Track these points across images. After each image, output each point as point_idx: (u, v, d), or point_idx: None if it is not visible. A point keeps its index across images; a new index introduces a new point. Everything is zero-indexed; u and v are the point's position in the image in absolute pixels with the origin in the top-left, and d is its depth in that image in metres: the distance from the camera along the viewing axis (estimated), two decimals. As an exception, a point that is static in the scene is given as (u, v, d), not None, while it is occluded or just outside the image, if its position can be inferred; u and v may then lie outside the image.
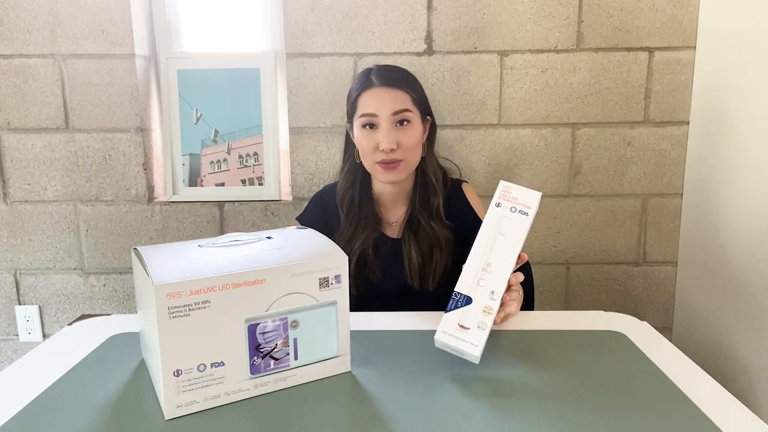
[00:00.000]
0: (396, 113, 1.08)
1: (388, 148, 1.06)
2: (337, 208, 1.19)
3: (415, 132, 1.10)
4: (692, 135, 1.60)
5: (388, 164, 1.08)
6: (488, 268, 0.79)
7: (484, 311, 0.76)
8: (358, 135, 1.11)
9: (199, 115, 1.71)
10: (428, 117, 1.17)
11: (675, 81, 1.59)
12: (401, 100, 1.09)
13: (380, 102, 1.08)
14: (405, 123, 1.09)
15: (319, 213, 1.23)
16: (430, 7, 1.57)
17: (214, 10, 1.73)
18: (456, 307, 0.77)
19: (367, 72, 1.13)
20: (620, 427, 0.62)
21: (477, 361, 0.76)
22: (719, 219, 1.44)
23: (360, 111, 1.10)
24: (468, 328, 0.75)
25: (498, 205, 0.83)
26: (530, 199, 0.82)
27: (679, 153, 1.63)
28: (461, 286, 0.78)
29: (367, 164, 1.13)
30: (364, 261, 1.14)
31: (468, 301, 0.77)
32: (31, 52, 1.60)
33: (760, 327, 1.27)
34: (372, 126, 1.09)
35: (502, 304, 0.79)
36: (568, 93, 1.60)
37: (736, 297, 1.36)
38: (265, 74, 1.68)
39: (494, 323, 0.79)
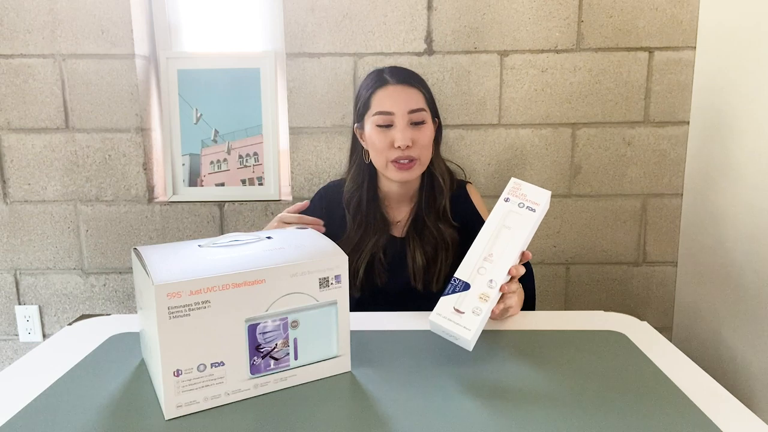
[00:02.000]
0: (411, 112, 1.08)
1: (404, 145, 1.06)
2: (341, 207, 1.19)
3: (429, 131, 1.11)
4: (692, 135, 1.60)
5: (403, 164, 1.08)
6: (489, 258, 0.79)
7: (480, 298, 0.76)
8: (371, 133, 1.10)
9: (199, 115, 1.71)
10: (436, 119, 1.17)
11: (675, 81, 1.59)
12: (416, 98, 1.10)
13: (396, 100, 1.08)
14: (420, 124, 1.09)
15: (322, 211, 1.22)
16: (430, 7, 1.57)
17: (214, 10, 1.73)
18: (453, 292, 0.77)
19: (380, 71, 1.14)
20: (620, 427, 0.62)
21: (470, 347, 0.75)
22: (719, 219, 1.44)
23: (374, 109, 1.09)
24: (463, 313, 0.75)
25: (507, 200, 0.83)
26: (539, 196, 0.83)
27: (679, 153, 1.63)
28: (461, 273, 0.79)
29: (380, 163, 1.12)
30: (372, 265, 1.14)
31: (466, 287, 0.77)
32: (31, 52, 1.60)
33: (760, 327, 1.27)
34: (387, 124, 1.09)
35: (502, 297, 0.79)
36: (568, 93, 1.60)
37: (736, 297, 1.36)
38: (265, 74, 1.68)
39: (493, 315, 0.79)
